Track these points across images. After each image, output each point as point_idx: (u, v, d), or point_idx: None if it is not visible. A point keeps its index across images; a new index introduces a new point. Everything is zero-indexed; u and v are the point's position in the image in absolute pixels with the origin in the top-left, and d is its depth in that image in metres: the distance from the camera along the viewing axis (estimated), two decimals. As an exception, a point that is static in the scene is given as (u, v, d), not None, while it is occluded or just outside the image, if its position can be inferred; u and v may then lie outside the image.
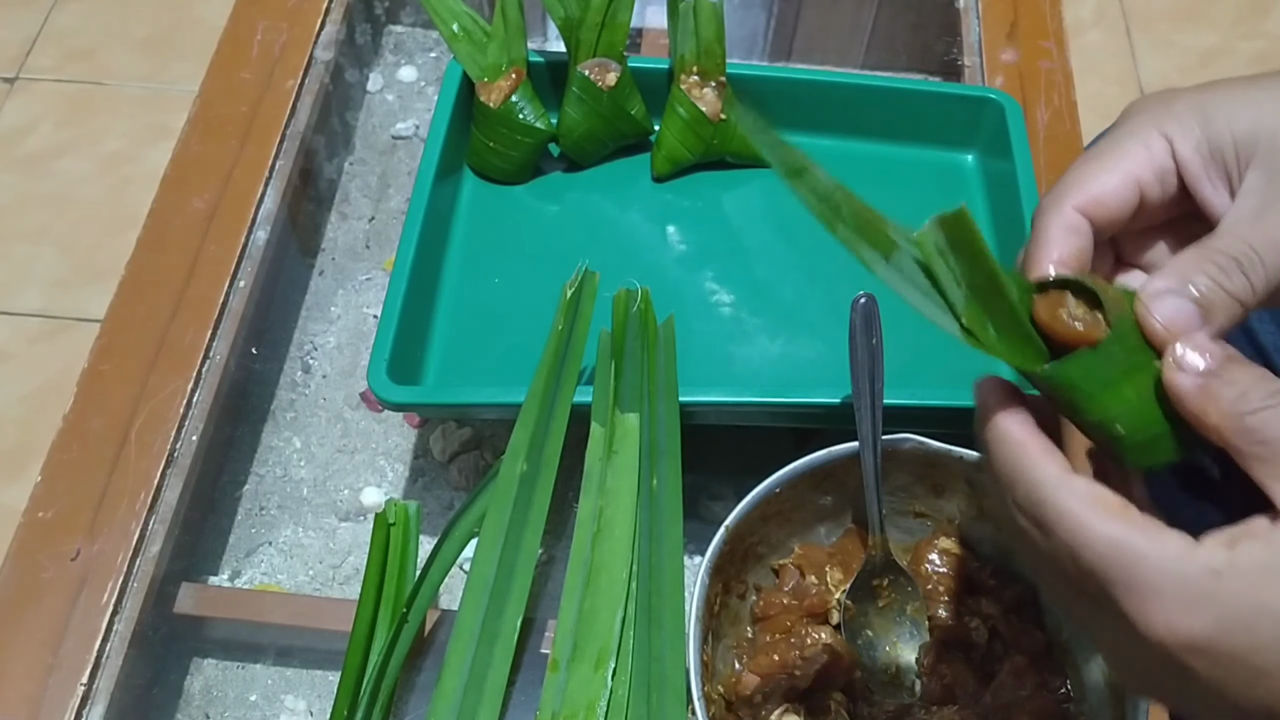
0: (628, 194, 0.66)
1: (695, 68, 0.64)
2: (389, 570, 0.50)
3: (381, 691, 0.47)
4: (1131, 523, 0.29)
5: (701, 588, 0.45)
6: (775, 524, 0.50)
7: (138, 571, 0.52)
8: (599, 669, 0.45)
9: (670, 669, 0.45)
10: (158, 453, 0.55)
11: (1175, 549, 0.29)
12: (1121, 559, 0.29)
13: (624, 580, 0.47)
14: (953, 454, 0.48)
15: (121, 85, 1.47)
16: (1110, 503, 0.30)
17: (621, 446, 0.51)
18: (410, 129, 0.75)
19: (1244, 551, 0.28)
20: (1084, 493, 0.30)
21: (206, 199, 0.64)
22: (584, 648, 0.46)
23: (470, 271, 0.63)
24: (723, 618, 0.49)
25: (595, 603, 0.47)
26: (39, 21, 1.52)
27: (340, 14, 0.74)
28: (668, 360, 0.53)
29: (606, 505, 0.49)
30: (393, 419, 0.63)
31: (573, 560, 0.48)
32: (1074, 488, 0.30)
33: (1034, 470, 0.31)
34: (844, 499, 0.51)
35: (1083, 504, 0.30)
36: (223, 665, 0.56)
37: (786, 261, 0.63)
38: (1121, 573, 0.29)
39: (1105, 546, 0.29)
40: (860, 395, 0.48)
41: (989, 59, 0.73)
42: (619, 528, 0.48)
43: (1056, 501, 0.30)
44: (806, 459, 0.48)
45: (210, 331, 0.59)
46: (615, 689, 0.45)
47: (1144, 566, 0.29)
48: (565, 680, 0.45)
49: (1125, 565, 0.29)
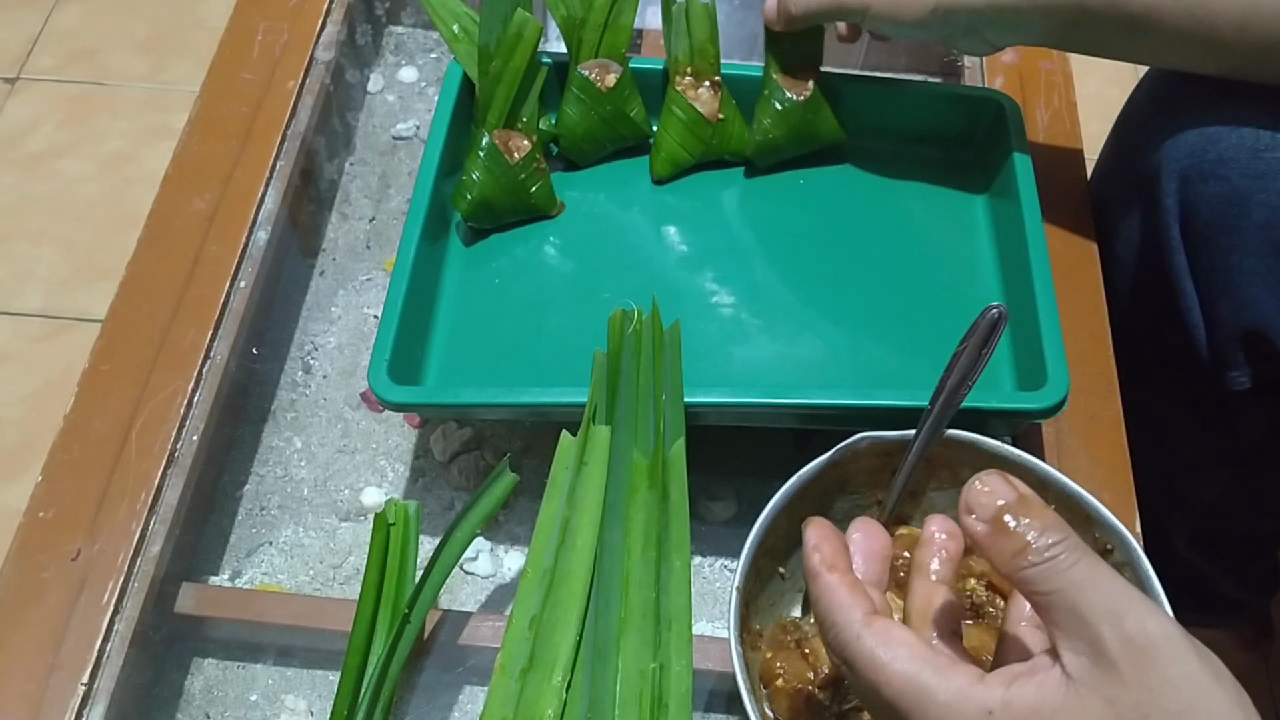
0: (627, 194, 0.66)
1: (689, 68, 0.64)
2: (389, 570, 0.50)
3: (382, 692, 0.47)
4: (923, 660, 0.33)
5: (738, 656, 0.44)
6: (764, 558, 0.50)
7: (138, 571, 0.53)
8: (554, 680, 0.45)
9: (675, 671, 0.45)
10: (158, 453, 0.55)
11: (958, 685, 0.32)
12: (913, 694, 0.32)
13: (584, 593, 0.47)
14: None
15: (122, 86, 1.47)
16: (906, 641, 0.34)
17: (592, 458, 0.51)
18: (411, 129, 0.75)
19: (1016, 693, 0.31)
20: (877, 634, 0.34)
21: (207, 199, 0.64)
22: (541, 657, 0.46)
23: (470, 272, 0.63)
24: None
25: (555, 613, 0.47)
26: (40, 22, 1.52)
27: (341, 15, 0.74)
28: (673, 365, 0.53)
29: (572, 515, 0.49)
30: (393, 419, 0.63)
31: (529, 566, 0.48)
32: (868, 631, 0.34)
33: (839, 613, 0.35)
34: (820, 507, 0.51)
35: (880, 644, 0.34)
36: (223, 665, 0.56)
37: (786, 261, 0.63)
38: (915, 708, 0.32)
39: (899, 682, 0.33)
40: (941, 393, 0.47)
41: (989, 59, 0.73)
42: (581, 538, 0.49)
43: (857, 642, 0.34)
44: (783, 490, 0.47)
45: (211, 332, 0.59)
46: (570, 701, 0.45)
47: (932, 703, 0.32)
48: (519, 688, 0.45)
49: (916, 701, 0.32)
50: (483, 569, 0.58)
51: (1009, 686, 0.32)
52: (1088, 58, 0.60)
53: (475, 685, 0.54)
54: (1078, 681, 0.31)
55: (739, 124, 0.65)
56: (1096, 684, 0.30)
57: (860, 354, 0.59)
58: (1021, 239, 0.59)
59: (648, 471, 0.50)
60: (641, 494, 0.50)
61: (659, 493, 0.50)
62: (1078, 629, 0.31)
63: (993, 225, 0.64)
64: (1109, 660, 0.30)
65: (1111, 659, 0.30)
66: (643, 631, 0.47)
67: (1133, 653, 0.30)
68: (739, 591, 0.45)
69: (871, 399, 0.52)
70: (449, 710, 0.53)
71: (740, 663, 0.43)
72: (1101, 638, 0.30)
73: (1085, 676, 0.30)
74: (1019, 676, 0.32)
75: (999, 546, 0.33)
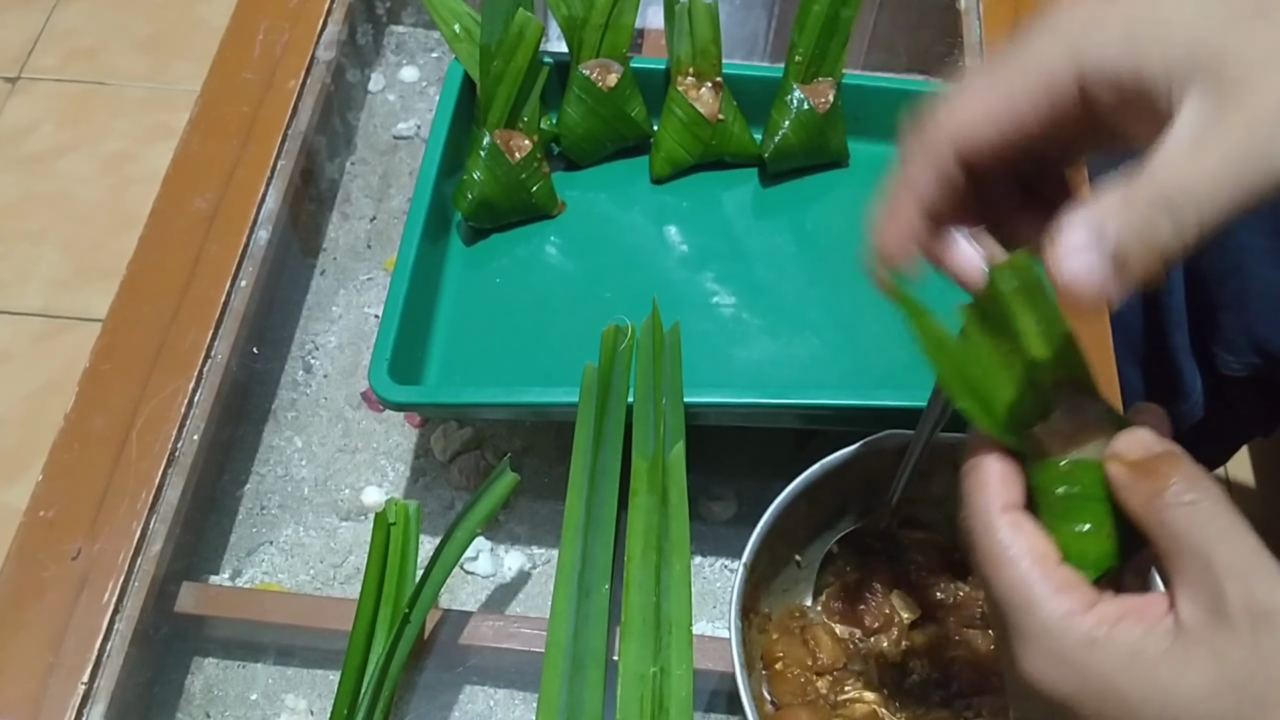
0: (627, 194, 0.66)
1: (691, 69, 0.64)
2: (389, 570, 0.50)
3: (382, 691, 0.47)
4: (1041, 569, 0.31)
5: (736, 632, 0.44)
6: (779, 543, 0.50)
7: (139, 571, 0.53)
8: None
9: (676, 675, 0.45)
10: (159, 452, 0.55)
11: (1067, 608, 0.31)
12: (1019, 602, 0.31)
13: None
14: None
15: (123, 85, 1.47)
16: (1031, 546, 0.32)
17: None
18: (412, 129, 0.75)
19: (1121, 630, 0.30)
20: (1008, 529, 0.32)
21: (208, 199, 0.64)
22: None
23: (471, 272, 0.63)
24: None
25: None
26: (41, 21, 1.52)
27: (342, 14, 0.74)
28: (673, 367, 0.53)
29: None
30: (394, 419, 0.63)
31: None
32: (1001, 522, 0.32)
33: (977, 497, 0.33)
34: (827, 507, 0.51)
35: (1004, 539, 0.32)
36: (223, 664, 0.56)
37: (786, 261, 0.63)
38: (1015, 615, 0.31)
39: (1009, 585, 0.31)
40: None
41: (990, 59, 0.73)
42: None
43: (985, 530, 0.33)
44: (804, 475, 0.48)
45: (212, 331, 0.59)
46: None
47: (1034, 617, 0.31)
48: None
49: (1021, 609, 0.31)
50: (483, 569, 0.58)
51: (1115, 624, 0.30)
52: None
53: (475, 685, 0.54)
54: (1189, 632, 0.29)
55: (739, 125, 0.66)
56: (1209, 638, 0.29)
57: (860, 354, 0.59)
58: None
59: (647, 474, 0.50)
60: (641, 497, 0.50)
61: (659, 496, 0.50)
62: (1203, 580, 0.29)
63: (993, 225, 0.64)
64: (1228, 616, 0.29)
65: (1231, 615, 0.29)
66: (643, 635, 0.47)
67: (1254, 614, 0.28)
68: (746, 568, 0.45)
69: (871, 399, 0.52)
70: (449, 710, 0.53)
71: (738, 638, 0.43)
72: (1225, 593, 0.29)
73: (1200, 628, 0.29)
74: (1129, 614, 0.31)
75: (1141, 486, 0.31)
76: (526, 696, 0.54)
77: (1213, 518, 0.30)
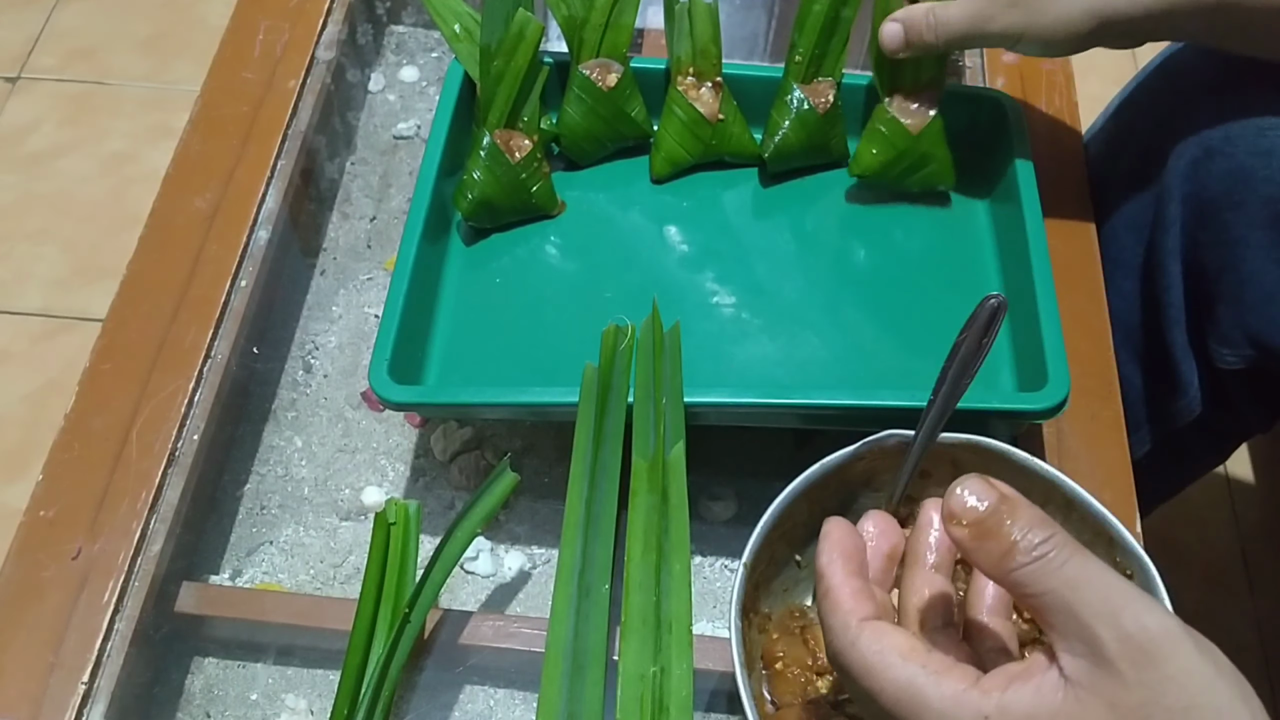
0: (628, 194, 0.66)
1: (691, 69, 0.64)
2: (389, 570, 0.50)
3: (382, 691, 0.47)
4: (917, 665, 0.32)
5: (736, 632, 0.44)
6: (779, 543, 0.50)
7: (139, 570, 0.53)
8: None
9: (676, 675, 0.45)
10: (159, 452, 0.55)
11: (953, 689, 0.31)
12: (909, 699, 0.32)
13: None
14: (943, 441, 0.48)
15: (123, 85, 1.47)
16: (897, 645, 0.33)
17: None
18: (412, 129, 0.75)
19: (1012, 697, 0.31)
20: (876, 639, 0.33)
21: (208, 199, 0.64)
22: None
23: (471, 272, 0.63)
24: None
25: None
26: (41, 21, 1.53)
27: (342, 14, 0.74)
28: (673, 367, 0.53)
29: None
30: (394, 419, 0.63)
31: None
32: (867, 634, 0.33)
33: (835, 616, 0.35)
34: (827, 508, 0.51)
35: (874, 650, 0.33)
36: (224, 664, 0.56)
37: (786, 261, 0.63)
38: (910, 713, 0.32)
39: (894, 686, 0.32)
40: (943, 385, 0.47)
41: (990, 59, 0.73)
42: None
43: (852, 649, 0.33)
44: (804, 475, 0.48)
45: (212, 331, 0.59)
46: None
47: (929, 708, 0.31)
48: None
49: (913, 705, 0.32)
50: (483, 568, 0.58)
51: (1005, 691, 0.31)
52: (1087, 57, 0.60)
53: (475, 685, 0.54)
54: (1076, 684, 0.30)
55: (739, 125, 0.66)
56: (1096, 686, 0.30)
57: (860, 354, 0.59)
58: (1022, 238, 0.59)
59: (647, 474, 0.50)
60: (641, 497, 0.50)
61: (659, 496, 0.50)
62: (1074, 629, 0.30)
63: (993, 225, 0.64)
64: (1108, 661, 0.29)
65: (1110, 659, 0.29)
66: (643, 635, 0.47)
67: (1132, 651, 0.29)
68: (746, 568, 0.45)
69: (871, 399, 0.52)
70: (449, 710, 0.53)
71: (738, 638, 0.43)
72: (1099, 638, 0.29)
73: (1084, 679, 0.30)
74: (1015, 679, 0.31)
75: (985, 550, 0.32)
76: (526, 696, 0.54)
77: (1062, 565, 0.31)
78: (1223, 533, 1.19)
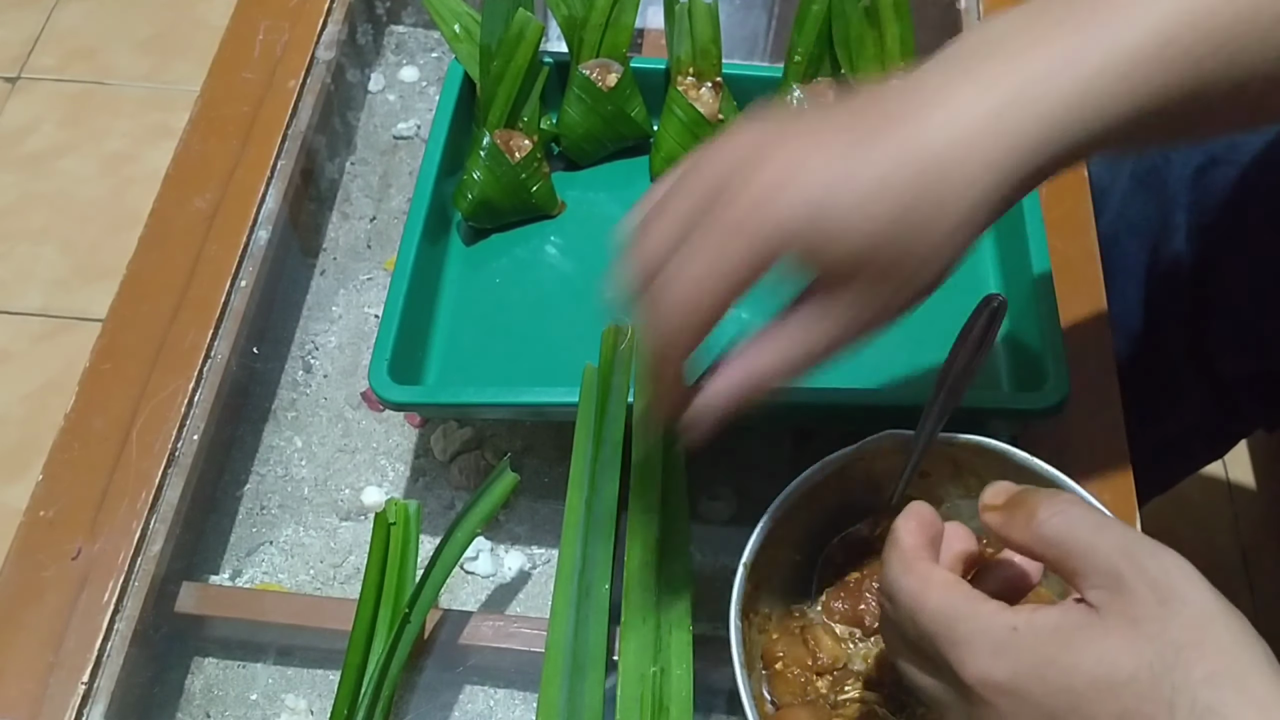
0: (627, 194, 0.66)
1: (691, 69, 0.64)
2: (389, 570, 0.50)
3: (382, 691, 0.47)
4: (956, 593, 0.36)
5: (736, 632, 0.44)
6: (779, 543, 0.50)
7: (139, 570, 0.53)
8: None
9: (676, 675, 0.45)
10: (159, 452, 0.55)
11: (987, 610, 0.34)
12: (946, 619, 0.35)
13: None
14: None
15: (123, 85, 1.47)
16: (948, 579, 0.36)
17: None
18: (412, 129, 0.75)
19: (1040, 615, 0.33)
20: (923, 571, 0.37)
21: (208, 199, 0.64)
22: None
23: (471, 272, 0.63)
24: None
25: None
26: (41, 21, 1.53)
27: (342, 14, 0.74)
28: None
29: None
30: (394, 419, 0.63)
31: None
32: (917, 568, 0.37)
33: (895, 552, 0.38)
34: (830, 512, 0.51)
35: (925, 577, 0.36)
36: (223, 664, 0.56)
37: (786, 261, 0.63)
38: (945, 630, 0.34)
39: (937, 607, 0.35)
40: (943, 384, 0.47)
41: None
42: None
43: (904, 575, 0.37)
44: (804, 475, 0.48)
45: (211, 331, 0.59)
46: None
47: (961, 625, 0.34)
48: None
49: (949, 624, 0.35)
50: (483, 568, 0.58)
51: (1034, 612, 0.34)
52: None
53: (475, 685, 0.54)
54: (1101, 607, 0.32)
55: (739, 124, 0.65)
56: (1119, 607, 0.32)
57: (860, 352, 0.59)
58: (1022, 238, 0.59)
59: (647, 474, 0.50)
60: (641, 497, 0.50)
61: (658, 495, 0.50)
62: (1098, 567, 0.33)
63: (993, 226, 0.64)
64: (1130, 589, 0.32)
65: (1133, 588, 0.32)
66: (643, 635, 0.47)
67: (1150, 581, 0.32)
68: (746, 568, 0.45)
69: (871, 399, 0.52)
70: (449, 710, 0.53)
71: (738, 638, 0.44)
72: (1121, 571, 0.32)
73: (1108, 603, 0.32)
74: (1042, 607, 0.34)
75: (1015, 520, 0.36)
76: (526, 696, 0.54)
77: (1083, 518, 0.34)
78: (1223, 532, 1.19)
